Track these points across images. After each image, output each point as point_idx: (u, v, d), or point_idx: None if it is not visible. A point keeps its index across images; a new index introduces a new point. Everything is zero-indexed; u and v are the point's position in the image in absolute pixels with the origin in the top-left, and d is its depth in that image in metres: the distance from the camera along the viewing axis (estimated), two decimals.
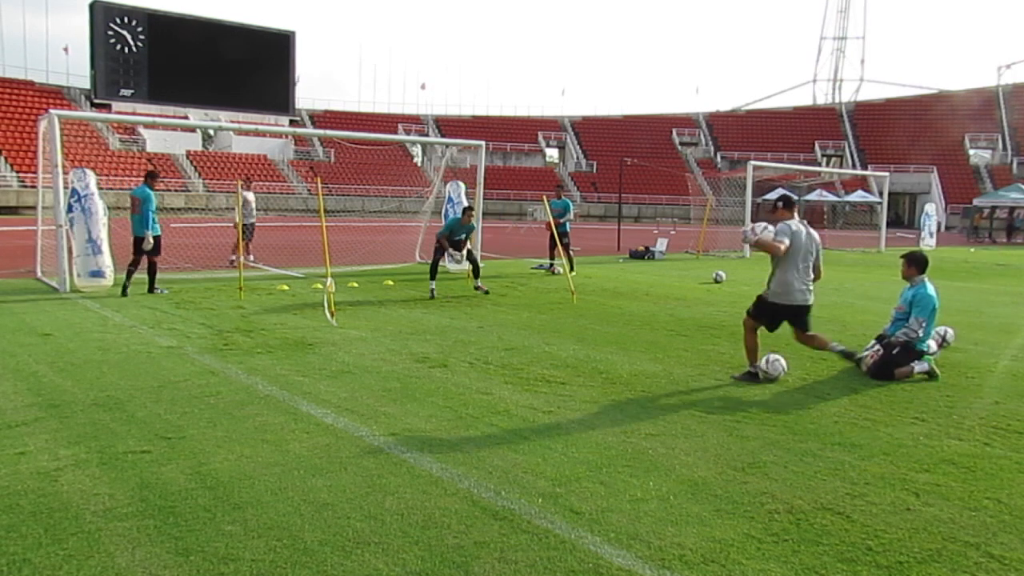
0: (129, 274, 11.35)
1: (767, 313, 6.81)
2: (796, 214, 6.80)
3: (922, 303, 6.99)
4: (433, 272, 12.03)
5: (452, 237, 12.38)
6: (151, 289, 11.51)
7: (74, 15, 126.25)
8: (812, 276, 6.77)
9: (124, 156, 44.21)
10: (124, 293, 11.17)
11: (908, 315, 7.07)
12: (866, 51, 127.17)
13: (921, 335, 6.96)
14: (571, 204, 16.70)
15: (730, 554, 3.49)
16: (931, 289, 7.11)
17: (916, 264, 7.22)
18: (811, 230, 6.78)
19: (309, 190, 46.93)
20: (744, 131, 66.90)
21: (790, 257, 6.56)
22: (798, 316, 6.82)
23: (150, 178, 11.74)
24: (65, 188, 11.71)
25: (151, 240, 11.30)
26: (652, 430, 5.27)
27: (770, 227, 6.66)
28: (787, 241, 6.50)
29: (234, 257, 16.20)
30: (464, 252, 12.64)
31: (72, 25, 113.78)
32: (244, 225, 16.29)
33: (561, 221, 15.19)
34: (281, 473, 4.33)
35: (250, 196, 16.74)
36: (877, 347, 7.12)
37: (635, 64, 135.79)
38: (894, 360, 6.88)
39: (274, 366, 6.93)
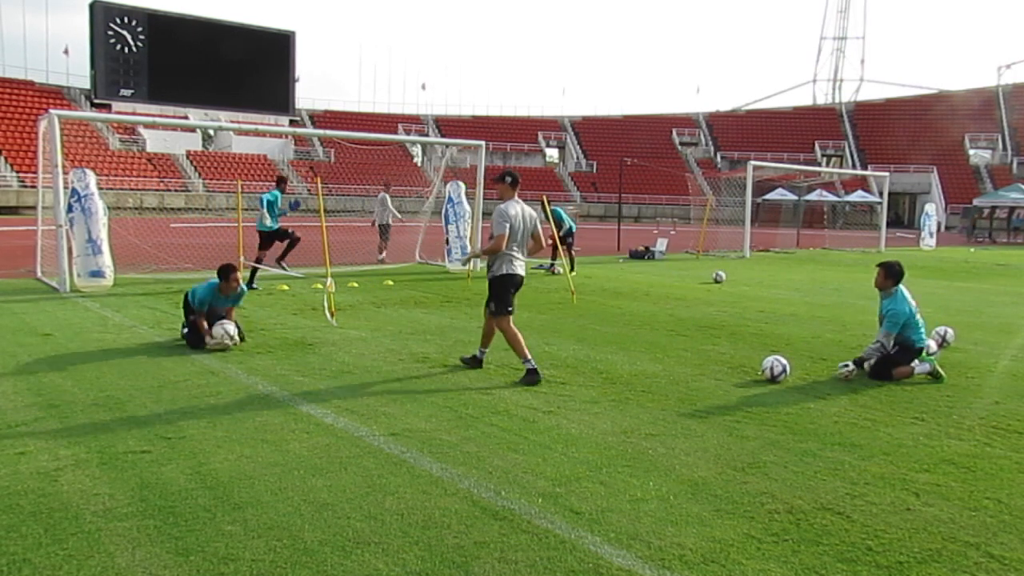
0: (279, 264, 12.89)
1: (507, 292, 6.72)
2: (517, 193, 6.85)
3: (893, 318, 6.88)
4: (195, 341, 7.60)
5: (211, 313, 7.77)
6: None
7: (74, 15, 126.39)
8: (525, 251, 6.86)
9: (124, 156, 44.21)
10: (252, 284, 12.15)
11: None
12: (866, 51, 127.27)
13: (915, 339, 6.91)
14: (562, 211, 16.41)
15: (730, 554, 3.49)
16: (903, 301, 6.95)
17: (892, 275, 7.07)
18: (526, 207, 6.85)
19: (309, 190, 46.91)
20: (744, 131, 66.88)
21: (511, 237, 6.66)
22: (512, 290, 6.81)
23: (280, 182, 13.15)
24: (65, 188, 11.71)
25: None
26: (652, 430, 5.27)
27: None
28: (506, 231, 6.58)
29: (382, 256, 17.21)
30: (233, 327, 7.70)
31: (72, 25, 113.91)
32: (382, 225, 17.52)
33: (560, 234, 14.94)
34: (281, 473, 4.33)
35: (387, 198, 17.81)
36: (851, 367, 6.83)
37: (635, 64, 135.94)
38: (893, 360, 6.87)
39: (274, 366, 6.93)
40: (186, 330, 7.85)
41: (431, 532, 3.64)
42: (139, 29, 47.03)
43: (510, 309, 6.75)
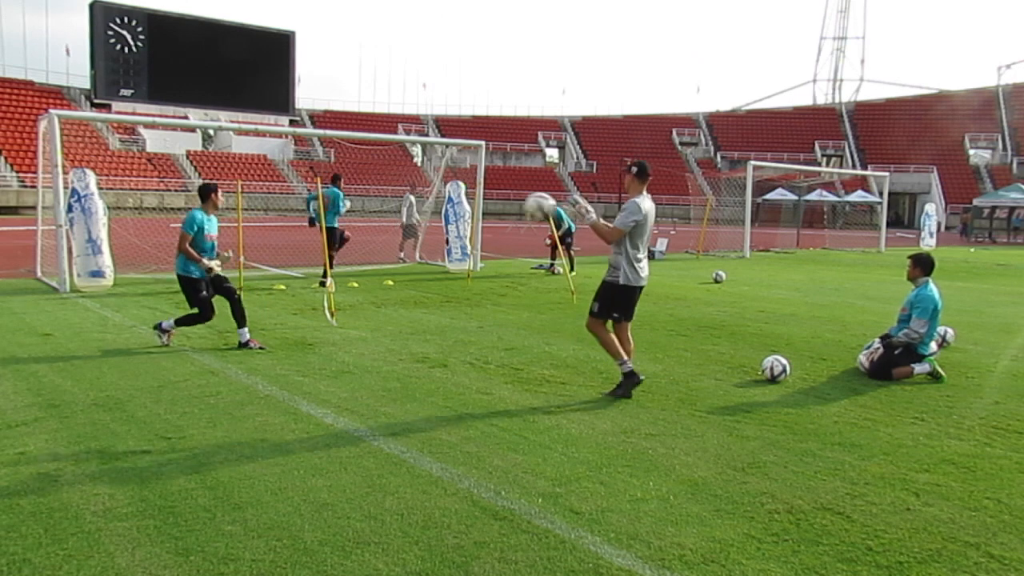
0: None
1: (621, 301, 6.15)
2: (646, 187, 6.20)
3: (923, 304, 7.00)
4: (205, 312, 7.74)
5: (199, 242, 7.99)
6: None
7: (74, 15, 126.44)
8: (647, 250, 6.21)
9: (124, 156, 44.19)
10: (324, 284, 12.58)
11: (911, 316, 7.08)
12: (866, 51, 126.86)
13: (925, 336, 6.96)
14: (563, 211, 16.37)
15: (730, 554, 3.49)
16: (933, 291, 7.11)
17: (922, 266, 7.25)
18: (652, 202, 6.20)
19: (309, 190, 46.87)
20: (744, 131, 66.88)
21: (637, 236, 6.05)
22: (636, 298, 6.25)
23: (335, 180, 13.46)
24: (65, 188, 11.72)
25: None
26: (652, 430, 5.27)
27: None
28: (629, 228, 5.98)
29: (402, 254, 17.50)
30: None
31: (72, 25, 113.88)
32: (407, 225, 17.74)
33: (560, 233, 14.93)
34: (281, 473, 4.33)
35: (412, 199, 18.04)
36: (878, 346, 7.12)
37: (635, 64, 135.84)
38: (894, 360, 6.89)
39: (274, 366, 6.93)
40: (163, 331, 7.80)
41: (431, 532, 3.64)
42: (139, 29, 47.03)
43: (595, 312, 6.16)
